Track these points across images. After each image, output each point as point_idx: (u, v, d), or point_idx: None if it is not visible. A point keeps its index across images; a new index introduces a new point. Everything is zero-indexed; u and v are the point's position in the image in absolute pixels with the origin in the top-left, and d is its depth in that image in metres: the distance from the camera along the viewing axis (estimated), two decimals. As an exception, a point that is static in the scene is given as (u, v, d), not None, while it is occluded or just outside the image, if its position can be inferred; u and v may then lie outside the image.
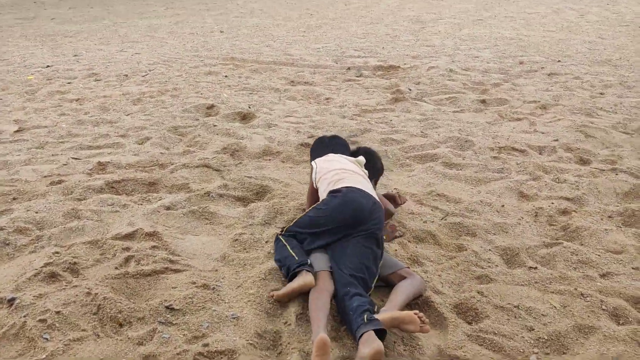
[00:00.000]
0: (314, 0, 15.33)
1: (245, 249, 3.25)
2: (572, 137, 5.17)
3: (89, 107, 6.23)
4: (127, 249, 3.09)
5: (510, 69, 7.60)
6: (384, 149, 4.88)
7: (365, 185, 3.28)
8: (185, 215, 3.55)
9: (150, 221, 3.42)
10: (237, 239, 3.31)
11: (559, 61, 7.92)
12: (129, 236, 3.24)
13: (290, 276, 2.80)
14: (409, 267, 3.13)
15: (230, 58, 8.66)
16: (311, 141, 4.92)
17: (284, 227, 3.23)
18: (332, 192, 3.20)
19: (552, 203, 3.95)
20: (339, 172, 3.38)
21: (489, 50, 8.63)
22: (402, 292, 2.90)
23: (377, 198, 3.24)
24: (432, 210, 3.84)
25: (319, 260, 3.00)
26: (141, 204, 3.69)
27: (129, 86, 7.26)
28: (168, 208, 3.63)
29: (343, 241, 3.03)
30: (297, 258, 2.84)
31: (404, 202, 3.53)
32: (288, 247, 2.98)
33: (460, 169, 4.55)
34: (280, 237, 3.14)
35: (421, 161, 4.71)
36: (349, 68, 7.84)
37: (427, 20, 11.00)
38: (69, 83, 7.39)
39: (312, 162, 3.57)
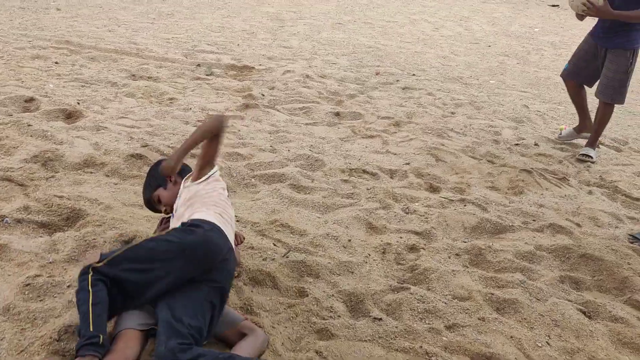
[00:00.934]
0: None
1: (39, 296, 2.63)
2: (423, 161, 5.02)
3: None
4: None
5: (367, 80, 7.43)
6: (228, 164, 4.40)
7: (230, 226, 2.77)
8: (-36, 249, 2.83)
9: None
10: (29, 283, 2.66)
11: (413, 75, 7.90)
12: None
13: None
14: (247, 319, 2.69)
15: (65, 41, 7.69)
16: (144, 152, 4.34)
17: (103, 259, 2.39)
18: (190, 225, 2.56)
19: (401, 237, 3.71)
20: (226, 202, 2.84)
21: (346, 57, 8.43)
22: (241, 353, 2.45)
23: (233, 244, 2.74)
24: (274, 244, 3.43)
25: (129, 315, 2.46)
26: None
27: None
28: (-58, 239, 2.89)
29: (179, 287, 2.48)
30: (90, 327, 2.18)
31: (241, 242, 3.08)
32: (90, 299, 2.25)
33: (309, 193, 4.19)
34: (90, 274, 2.31)
35: (268, 181, 4.29)
36: (199, 65, 7.25)
37: (287, 19, 10.64)
38: None
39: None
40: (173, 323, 2.28)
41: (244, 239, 3.11)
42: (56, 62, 6.75)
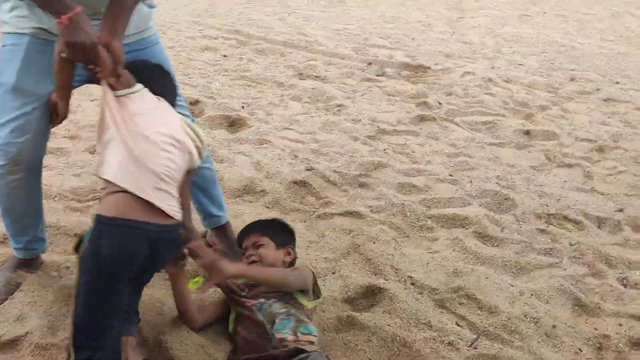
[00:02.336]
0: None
1: None
2: (640, 207, 4.04)
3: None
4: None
5: (560, 87, 6.41)
6: (401, 199, 3.77)
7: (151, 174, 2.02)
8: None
9: None
10: None
11: (617, 82, 6.72)
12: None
13: None
14: None
15: (234, 31, 7.48)
16: (308, 178, 3.85)
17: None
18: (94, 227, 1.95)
19: (621, 325, 2.87)
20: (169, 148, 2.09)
21: (535, 57, 7.41)
22: None
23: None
24: (457, 323, 2.77)
25: None
26: None
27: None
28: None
29: None
30: None
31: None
32: None
33: (497, 245, 3.45)
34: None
35: (447, 225, 3.61)
36: (370, 63, 6.67)
37: (467, 9, 9.71)
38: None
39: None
40: None
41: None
42: (224, 55, 6.52)
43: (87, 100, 4.80)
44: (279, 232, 2.70)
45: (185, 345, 2.31)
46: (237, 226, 3.19)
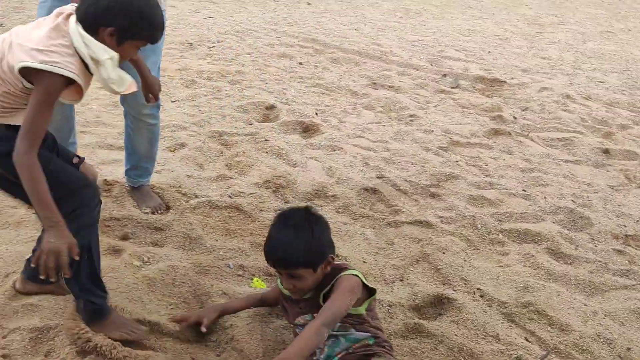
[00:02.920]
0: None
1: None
2: None
3: (134, 85, 5.36)
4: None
5: (643, 107, 6.19)
6: (472, 212, 3.74)
7: None
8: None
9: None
10: None
11: None
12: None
13: None
14: None
15: (311, 39, 7.60)
16: (379, 185, 3.88)
17: None
18: None
19: (700, 354, 2.75)
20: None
21: (617, 75, 7.18)
22: None
23: None
24: (526, 338, 2.72)
25: None
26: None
27: (190, 59, 6.35)
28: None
29: None
30: None
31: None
32: None
33: (571, 264, 3.37)
34: None
35: (518, 239, 3.55)
36: (444, 75, 6.63)
37: (546, 24, 9.50)
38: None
39: None
40: None
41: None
42: (300, 63, 6.63)
43: (168, 101, 4.99)
44: (313, 252, 2.12)
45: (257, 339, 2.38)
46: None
